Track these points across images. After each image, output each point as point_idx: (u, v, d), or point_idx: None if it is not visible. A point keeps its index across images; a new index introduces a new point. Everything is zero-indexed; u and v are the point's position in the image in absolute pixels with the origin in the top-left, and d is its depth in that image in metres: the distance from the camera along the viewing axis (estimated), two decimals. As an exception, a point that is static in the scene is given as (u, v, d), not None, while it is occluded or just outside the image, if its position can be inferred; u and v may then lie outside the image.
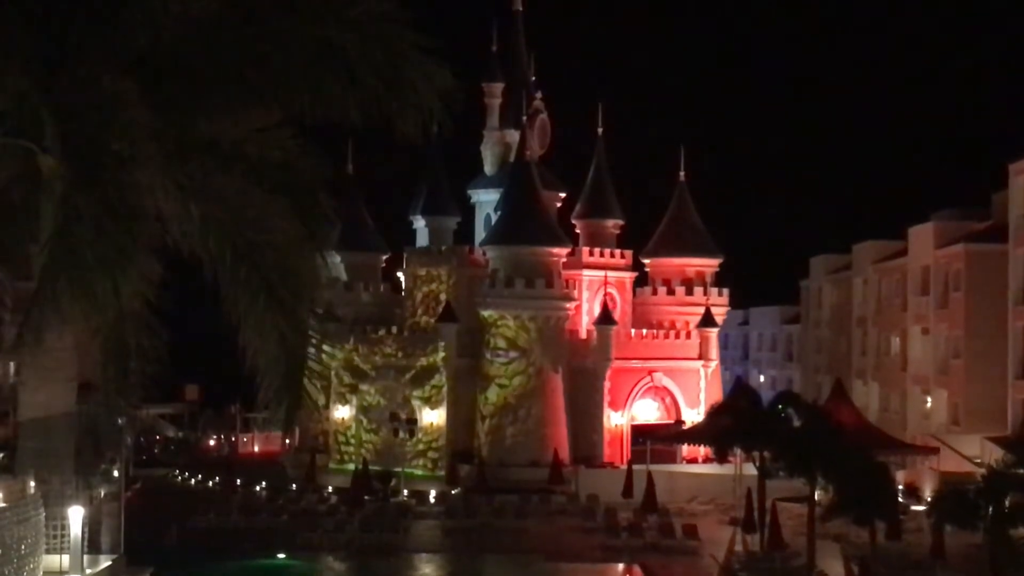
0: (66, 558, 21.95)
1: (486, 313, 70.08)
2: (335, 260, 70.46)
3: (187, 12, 12.68)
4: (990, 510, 32.80)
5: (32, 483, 20.39)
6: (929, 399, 70.55)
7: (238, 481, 65.18)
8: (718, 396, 68.77)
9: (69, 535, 21.89)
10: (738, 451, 50.06)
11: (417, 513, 57.56)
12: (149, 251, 12.82)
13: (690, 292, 76.37)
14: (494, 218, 74.73)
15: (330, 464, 72.70)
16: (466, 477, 65.78)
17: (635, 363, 72.34)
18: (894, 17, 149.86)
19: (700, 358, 74.68)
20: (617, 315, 73.13)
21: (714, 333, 75.81)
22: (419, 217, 78.54)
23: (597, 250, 75.08)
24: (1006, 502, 32.96)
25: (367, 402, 73.40)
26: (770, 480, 46.39)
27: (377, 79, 13.68)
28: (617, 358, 71.20)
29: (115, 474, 38.09)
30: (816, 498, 42.65)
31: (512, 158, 74.10)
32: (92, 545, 26.00)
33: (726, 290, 77.55)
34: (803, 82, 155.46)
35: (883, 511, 40.19)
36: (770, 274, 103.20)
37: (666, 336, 74.36)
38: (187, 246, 14.49)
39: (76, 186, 12.03)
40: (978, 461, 50.13)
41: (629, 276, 76.92)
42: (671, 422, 73.02)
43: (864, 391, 78.81)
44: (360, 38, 13.57)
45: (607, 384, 71.36)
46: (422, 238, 78.46)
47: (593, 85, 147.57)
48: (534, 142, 74.53)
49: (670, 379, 73.77)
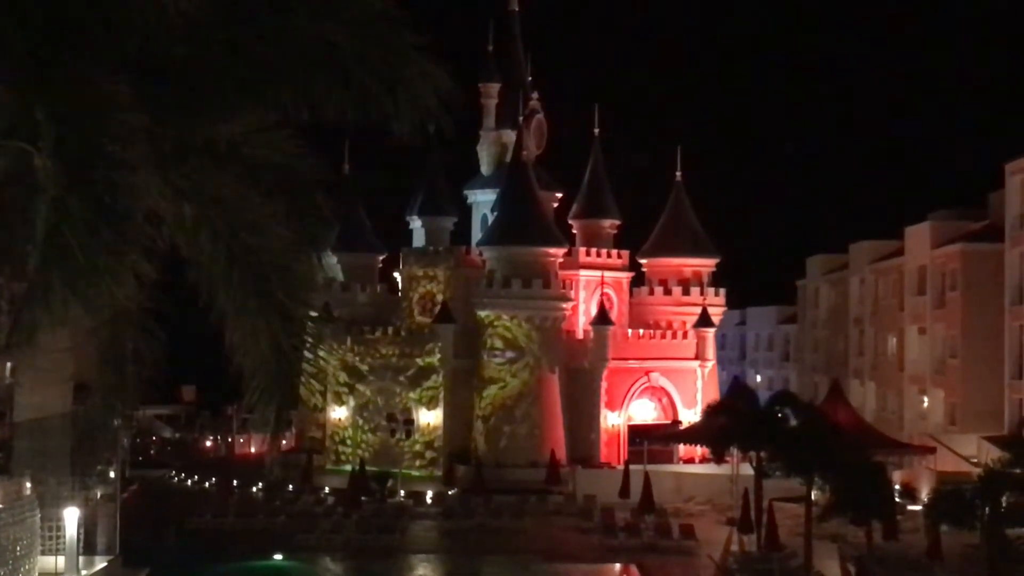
0: (62, 559, 21.93)
1: (483, 313, 70.02)
2: (332, 260, 70.39)
3: (182, 11, 12.62)
4: (987, 510, 32.84)
5: (28, 484, 20.36)
6: (926, 399, 70.56)
7: (235, 482, 65.10)
8: (715, 396, 68.55)
9: (65, 536, 21.85)
10: (735, 451, 50.03)
11: (414, 514, 57.54)
12: (144, 252, 12.74)
13: (687, 292, 76.34)
14: (491, 218, 74.58)
15: (327, 465, 72.65)
16: (463, 478, 65.65)
17: (632, 363, 72.30)
18: (892, 17, 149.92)
19: (697, 358, 74.65)
20: (614, 315, 73.11)
21: (711, 333, 75.77)
22: (416, 217, 78.49)
23: (594, 250, 75.02)
24: (1003, 502, 33.01)
25: (364, 403, 73.36)
26: (767, 480, 46.33)
27: (374, 79, 13.62)
28: (614, 358, 71.16)
29: (111, 475, 38.06)
30: (813, 498, 42.65)
31: (508, 158, 74.04)
32: (88, 546, 25.92)
33: (723, 290, 77.52)
34: (801, 82, 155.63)
35: (880, 511, 40.22)
36: (767, 274, 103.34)
37: (663, 336, 74.34)
38: (183, 247, 14.44)
39: (69, 187, 11.97)
40: (975, 461, 50.17)
41: (626, 276, 76.89)
42: (668, 422, 72.96)
43: (861, 391, 78.83)
44: (357, 38, 13.52)
45: (604, 384, 71.32)
46: (419, 238, 78.39)
47: (589, 85, 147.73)
48: (530, 142, 74.43)
49: (667, 379, 73.73)
